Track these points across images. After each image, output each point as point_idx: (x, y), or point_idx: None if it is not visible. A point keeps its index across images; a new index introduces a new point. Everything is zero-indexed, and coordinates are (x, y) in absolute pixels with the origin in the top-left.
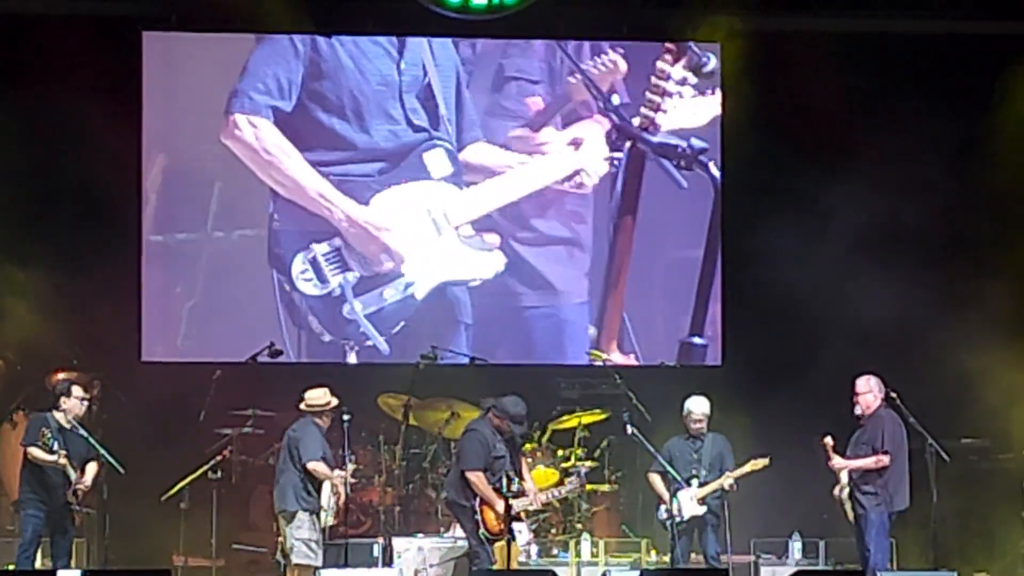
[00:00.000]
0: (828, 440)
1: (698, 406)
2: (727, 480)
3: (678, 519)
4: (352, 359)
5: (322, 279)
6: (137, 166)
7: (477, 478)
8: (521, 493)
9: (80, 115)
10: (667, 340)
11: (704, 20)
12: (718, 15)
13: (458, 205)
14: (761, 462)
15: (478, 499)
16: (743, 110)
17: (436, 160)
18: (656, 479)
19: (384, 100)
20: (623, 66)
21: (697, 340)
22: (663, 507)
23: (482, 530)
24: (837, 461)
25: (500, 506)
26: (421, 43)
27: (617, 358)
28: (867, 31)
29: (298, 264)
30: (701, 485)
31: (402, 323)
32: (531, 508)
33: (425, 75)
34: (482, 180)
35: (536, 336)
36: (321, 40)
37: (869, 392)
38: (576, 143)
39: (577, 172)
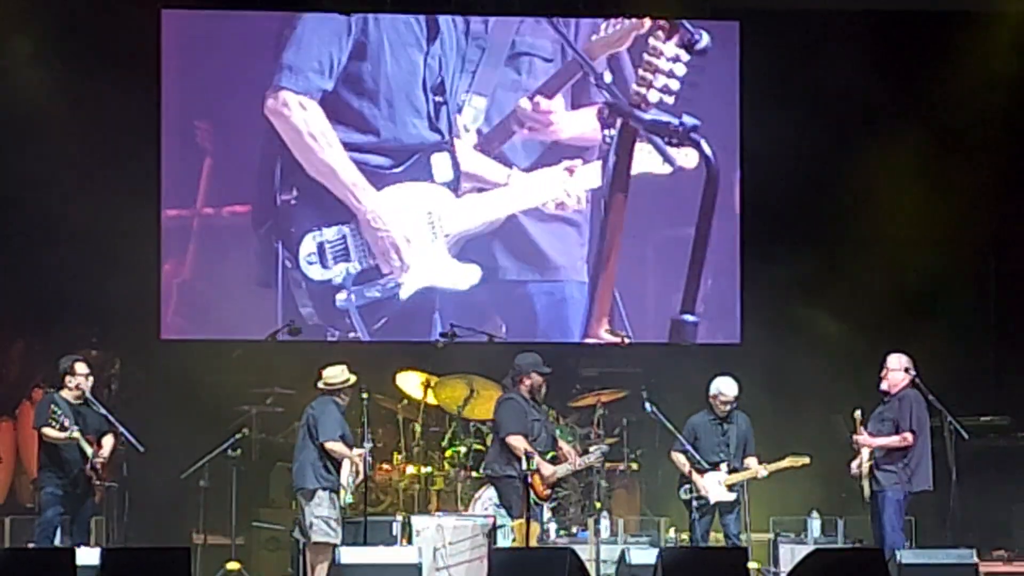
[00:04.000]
0: (858, 414)
1: (729, 387)
2: (762, 473)
3: (702, 502)
4: None
5: (325, 265)
6: (156, 143)
7: (518, 441)
8: (558, 460)
9: (99, 94)
10: (658, 318)
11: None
12: None
13: (452, 214)
14: (801, 460)
15: (534, 460)
16: (761, 88)
17: (441, 163)
18: (680, 457)
19: (411, 91)
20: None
21: (688, 317)
22: (687, 487)
23: (532, 496)
24: (863, 438)
25: (546, 469)
26: (442, 35)
27: (608, 337)
28: (884, 8)
29: (307, 245)
30: (731, 470)
31: (384, 319)
32: (576, 468)
33: (441, 68)
34: (474, 187)
35: (538, 315)
36: (371, 19)
37: (899, 370)
38: (571, 170)
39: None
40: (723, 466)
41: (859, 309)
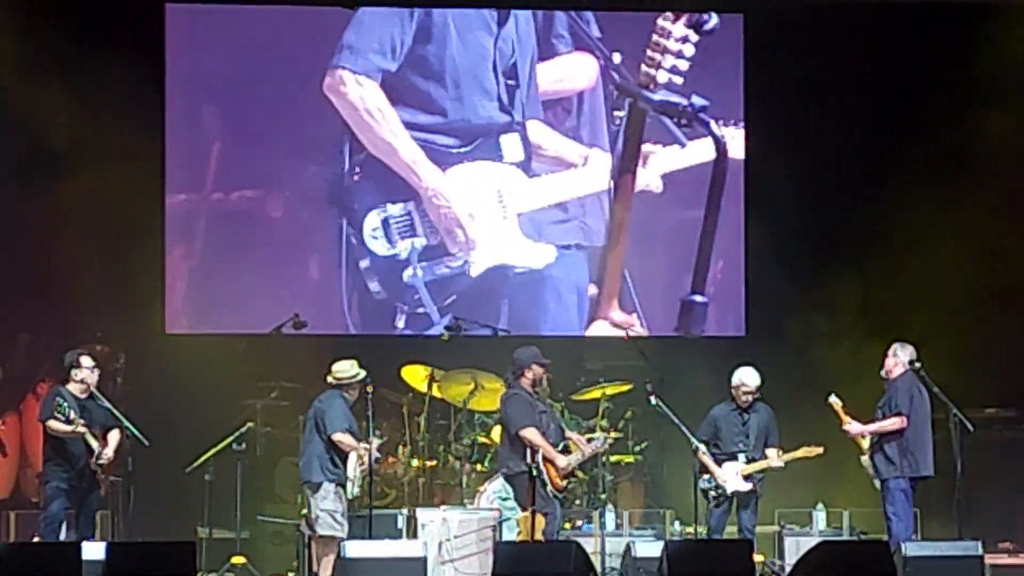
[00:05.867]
0: (834, 399)
1: (751, 378)
2: (777, 463)
3: (719, 492)
4: (400, 323)
5: (391, 240)
6: (161, 133)
7: (531, 433)
8: (568, 450)
9: (103, 87)
10: (668, 298)
11: None
12: None
13: (523, 193)
14: (815, 450)
15: (539, 455)
16: (767, 78)
17: (511, 144)
18: (703, 450)
19: (480, 73)
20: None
21: (698, 298)
22: (706, 477)
23: (550, 488)
24: (852, 426)
25: (560, 460)
26: (516, 18)
27: (618, 316)
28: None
29: (371, 220)
30: (749, 461)
31: (453, 296)
32: (588, 456)
33: (513, 52)
34: (546, 169)
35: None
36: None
37: (891, 357)
38: (644, 158)
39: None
40: (741, 457)
41: (865, 300)
